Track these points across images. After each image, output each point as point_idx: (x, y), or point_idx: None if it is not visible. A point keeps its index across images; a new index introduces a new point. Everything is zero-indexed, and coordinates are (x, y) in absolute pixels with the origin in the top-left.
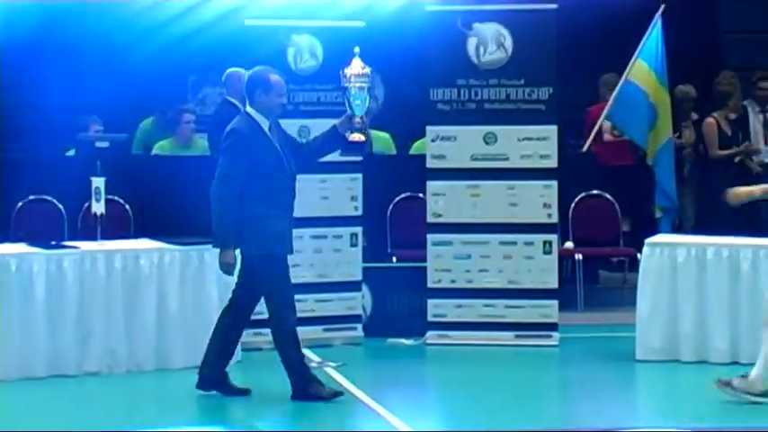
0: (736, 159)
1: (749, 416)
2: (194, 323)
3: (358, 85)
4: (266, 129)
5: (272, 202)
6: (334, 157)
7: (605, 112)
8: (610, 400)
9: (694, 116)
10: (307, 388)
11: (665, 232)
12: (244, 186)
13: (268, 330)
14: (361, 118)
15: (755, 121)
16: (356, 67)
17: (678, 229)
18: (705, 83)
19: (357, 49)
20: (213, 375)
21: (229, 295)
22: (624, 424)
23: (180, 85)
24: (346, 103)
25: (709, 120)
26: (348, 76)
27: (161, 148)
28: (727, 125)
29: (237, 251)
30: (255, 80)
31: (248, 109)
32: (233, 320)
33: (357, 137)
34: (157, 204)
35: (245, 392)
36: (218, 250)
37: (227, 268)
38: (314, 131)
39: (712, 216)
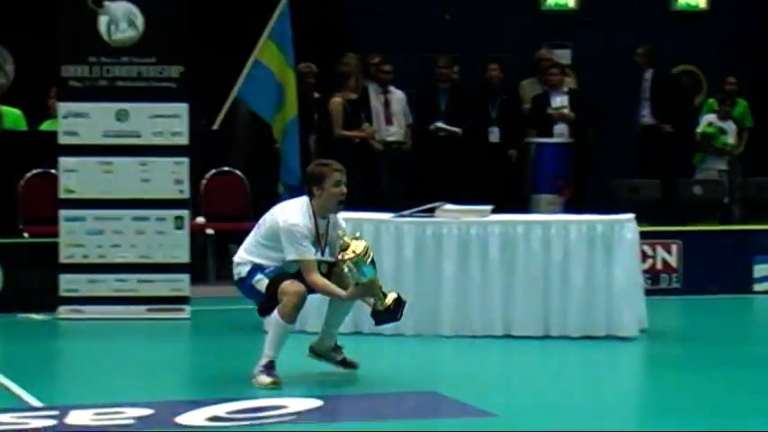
0: (358, 139)
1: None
2: None
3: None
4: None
5: None
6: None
7: (234, 90)
8: (239, 369)
9: (316, 95)
10: None
11: None
12: None
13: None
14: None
15: (377, 101)
16: (350, 252)
17: None
18: (329, 64)
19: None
20: None
21: None
22: (251, 393)
23: None
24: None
25: (336, 99)
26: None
27: None
28: (349, 105)
29: None
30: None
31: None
32: None
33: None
34: None
35: None
36: None
37: None
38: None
39: None
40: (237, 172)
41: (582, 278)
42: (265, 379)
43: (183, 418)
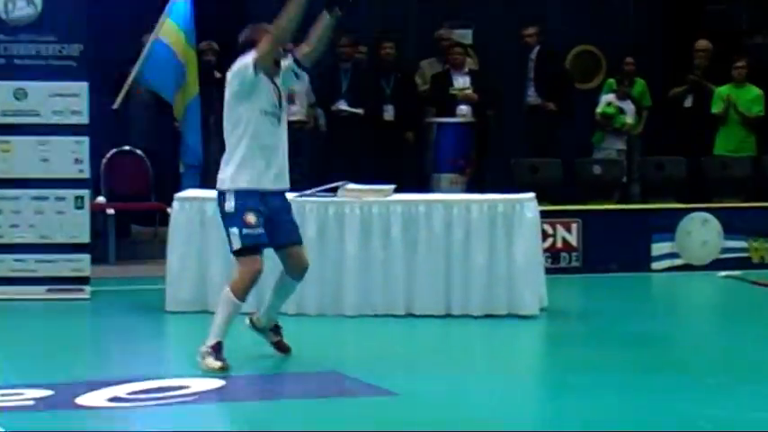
0: None
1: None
2: None
3: None
4: None
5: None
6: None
7: (135, 70)
8: (140, 350)
9: (217, 74)
10: None
11: (188, 187)
12: None
13: None
14: None
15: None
16: None
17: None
18: (230, 43)
19: None
20: None
21: None
22: (153, 373)
23: None
24: None
25: None
26: None
27: None
28: None
29: None
30: None
31: None
32: None
33: None
34: None
35: None
36: None
37: None
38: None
39: None
40: (138, 151)
41: (483, 257)
42: (215, 363)
43: (83, 399)
